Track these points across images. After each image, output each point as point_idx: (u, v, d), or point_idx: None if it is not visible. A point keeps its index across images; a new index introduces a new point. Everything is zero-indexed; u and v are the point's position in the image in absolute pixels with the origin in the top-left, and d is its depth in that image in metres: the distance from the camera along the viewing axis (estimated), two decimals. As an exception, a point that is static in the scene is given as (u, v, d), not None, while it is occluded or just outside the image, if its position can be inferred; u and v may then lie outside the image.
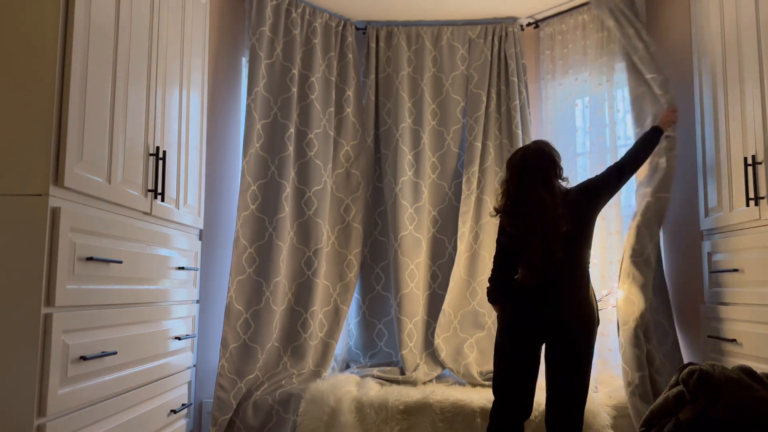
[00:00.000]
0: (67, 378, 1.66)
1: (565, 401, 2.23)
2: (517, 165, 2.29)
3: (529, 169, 2.26)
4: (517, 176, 2.27)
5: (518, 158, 2.31)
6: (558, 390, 2.24)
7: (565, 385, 2.22)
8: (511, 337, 2.28)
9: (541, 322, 2.22)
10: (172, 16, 2.38)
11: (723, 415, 1.78)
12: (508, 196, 2.28)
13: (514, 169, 2.30)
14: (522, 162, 2.28)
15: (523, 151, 2.32)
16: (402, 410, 2.61)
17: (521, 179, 2.26)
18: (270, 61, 3.12)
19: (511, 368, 2.27)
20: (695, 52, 2.69)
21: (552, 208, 2.19)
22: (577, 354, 2.21)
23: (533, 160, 2.27)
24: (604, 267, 3.13)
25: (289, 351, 3.03)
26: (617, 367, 3.04)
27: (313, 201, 3.15)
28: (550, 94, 3.41)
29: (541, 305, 2.23)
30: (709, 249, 2.56)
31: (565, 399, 2.23)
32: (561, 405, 2.23)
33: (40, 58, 1.64)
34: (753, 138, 2.22)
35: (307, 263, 3.11)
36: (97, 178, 1.81)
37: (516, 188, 2.26)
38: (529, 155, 2.29)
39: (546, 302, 2.22)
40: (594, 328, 2.24)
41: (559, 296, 2.22)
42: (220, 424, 2.72)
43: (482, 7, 3.31)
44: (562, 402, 2.23)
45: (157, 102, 2.25)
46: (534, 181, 2.23)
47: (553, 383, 2.25)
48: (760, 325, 2.19)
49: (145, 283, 2.13)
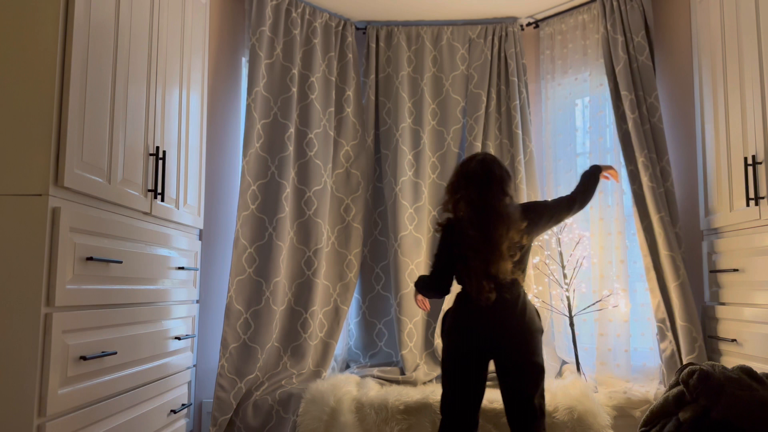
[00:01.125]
0: (67, 378, 1.66)
1: (524, 406, 2.17)
2: (478, 174, 2.21)
3: (491, 179, 2.20)
4: (478, 185, 2.20)
5: (477, 167, 2.23)
6: (514, 400, 2.18)
7: (519, 396, 2.17)
8: (456, 358, 2.22)
9: (486, 340, 2.17)
10: (172, 16, 2.38)
11: (723, 415, 1.78)
12: (470, 204, 2.19)
13: (473, 177, 2.22)
14: (483, 172, 2.21)
15: (480, 160, 2.26)
16: (402, 410, 2.61)
17: (482, 188, 2.19)
18: (270, 61, 3.12)
19: (458, 389, 2.22)
20: (695, 52, 2.69)
21: (510, 222, 2.16)
22: (525, 365, 2.16)
23: (492, 171, 2.21)
24: (603, 267, 3.13)
25: (289, 351, 3.03)
26: (617, 368, 3.04)
27: (313, 201, 3.15)
28: (550, 94, 3.41)
29: (485, 322, 2.17)
30: (709, 249, 2.56)
31: (524, 405, 2.17)
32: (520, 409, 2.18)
33: (40, 58, 1.64)
34: (753, 138, 2.22)
35: (307, 263, 3.11)
36: (97, 178, 1.81)
37: (479, 196, 2.18)
38: (487, 165, 2.23)
39: (489, 318, 2.17)
40: (537, 337, 2.19)
41: (500, 312, 2.17)
42: (220, 424, 2.72)
43: (482, 7, 3.31)
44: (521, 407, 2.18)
45: (157, 102, 2.25)
46: (495, 191, 2.19)
47: (508, 395, 2.20)
48: (760, 325, 2.19)
49: (145, 283, 2.13)
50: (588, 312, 3.05)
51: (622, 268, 3.02)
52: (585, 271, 3.12)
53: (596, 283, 3.15)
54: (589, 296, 3.13)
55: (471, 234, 2.16)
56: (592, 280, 3.17)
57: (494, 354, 2.19)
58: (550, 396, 2.62)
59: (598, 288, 3.12)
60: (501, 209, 2.16)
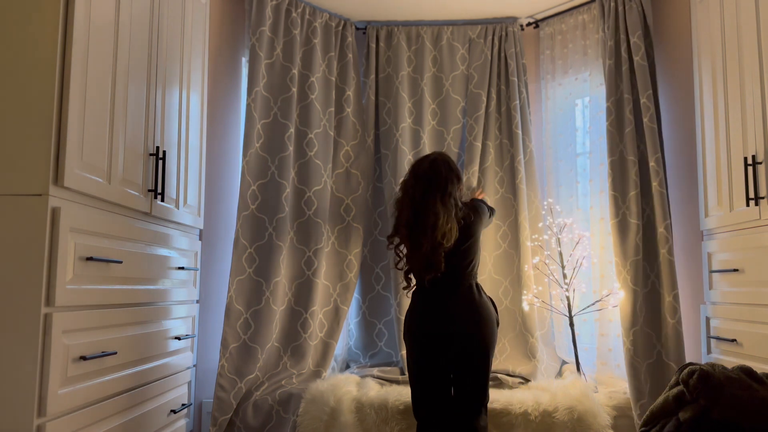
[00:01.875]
0: (67, 378, 1.66)
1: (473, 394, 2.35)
2: (427, 173, 2.34)
3: (437, 178, 2.33)
4: (423, 183, 2.33)
5: (427, 167, 2.36)
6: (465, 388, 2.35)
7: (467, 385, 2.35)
8: (417, 358, 2.38)
9: (439, 337, 2.33)
10: (172, 16, 2.38)
11: (723, 415, 1.78)
12: (411, 201, 2.32)
13: (420, 177, 2.35)
14: (431, 170, 2.35)
15: (431, 160, 2.39)
16: (402, 410, 2.61)
17: (425, 187, 2.32)
18: (270, 61, 3.12)
19: (424, 388, 2.37)
20: (695, 52, 2.69)
21: (444, 222, 2.27)
22: (475, 358, 2.32)
23: (439, 170, 2.35)
24: (603, 267, 3.13)
25: (289, 351, 3.02)
26: (617, 368, 3.04)
27: (313, 201, 3.15)
28: (550, 94, 3.41)
29: (436, 318, 2.34)
30: (709, 249, 2.56)
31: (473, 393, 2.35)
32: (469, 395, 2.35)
33: (40, 58, 1.64)
34: (753, 138, 2.22)
35: (307, 263, 3.11)
36: (97, 178, 1.81)
37: (422, 195, 2.31)
38: (437, 165, 2.36)
39: (439, 315, 2.34)
40: (491, 331, 2.35)
41: (450, 308, 2.34)
42: (220, 424, 2.72)
43: (482, 7, 3.31)
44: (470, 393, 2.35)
45: (157, 102, 2.25)
46: (435, 191, 2.31)
47: (459, 382, 2.36)
48: (760, 325, 2.19)
49: (145, 283, 2.13)
50: (588, 312, 3.05)
51: (622, 268, 3.02)
52: (585, 271, 3.12)
53: (596, 283, 3.15)
54: (589, 296, 3.13)
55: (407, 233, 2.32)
56: (592, 280, 3.17)
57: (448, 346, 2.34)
58: (550, 396, 2.63)
59: (598, 288, 3.12)
60: (434, 210, 2.28)
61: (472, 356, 2.33)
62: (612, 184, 2.89)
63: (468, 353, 2.33)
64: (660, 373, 2.70)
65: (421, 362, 2.36)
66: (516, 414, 2.54)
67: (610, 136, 2.93)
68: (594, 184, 3.20)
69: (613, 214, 2.87)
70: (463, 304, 2.35)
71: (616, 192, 2.88)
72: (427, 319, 2.36)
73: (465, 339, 2.32)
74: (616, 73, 2.97)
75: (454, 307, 2.34)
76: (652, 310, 2.79)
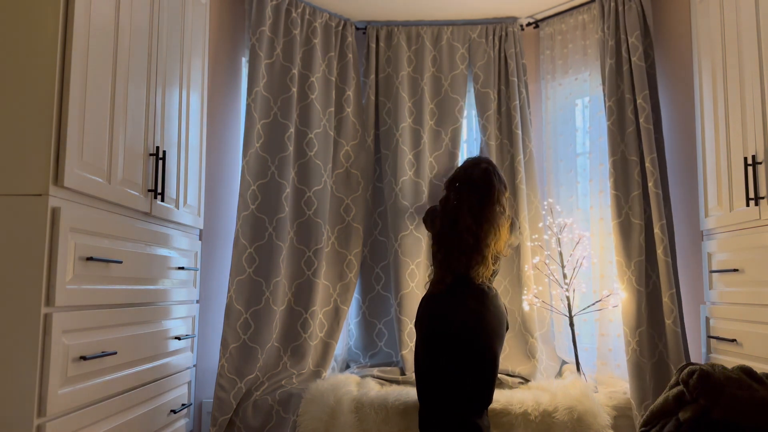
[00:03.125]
0: (67, 378, 1.66)
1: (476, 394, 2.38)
2: (480, 180, 2.53)
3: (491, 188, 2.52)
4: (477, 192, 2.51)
5: (480, 174, 2.55)
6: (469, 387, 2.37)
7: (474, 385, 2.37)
8: (427, 351, 2.44)
9: (450, 332, 2.39)
10: (172, 16, 2.38)
11: (723, 415, 1.78)
12: (469, 210, 2.48)
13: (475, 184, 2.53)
14: (484, 180, 2.54)
15: (484, 169, 2.58)
16: (402, 410, 2.61)
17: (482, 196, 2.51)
18: (270, 61, 3.12)
19: (432, 381, 2.41)
20: (695, 52, 2.69)
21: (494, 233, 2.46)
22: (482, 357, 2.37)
23: (493, 180, 2.54)
24: (603, 267, 3.13)
25: (289, 351, 3.03)
26: (617, 368, 3.04)
27: (313, 201, 3.15)
28: (550, 94, 3.41)
29: (450, 314, 2.41)
30: (709, 249, 2.56)
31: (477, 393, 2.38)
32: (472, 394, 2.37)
33: (40, 58, 1.64)
34: (753, 138, 2.22)
35: (307, 263, 3.11)
36: (97, 178, 1.81)
37: (479, 203, 2.49)
38: (489, 175, 2.55)
39: (454, 311, 2.41)
40: (499, 334, 2.42)
41: (465, 306, 2.41)
42: (220, 424, 2.72)
43: (482, 7, 3.31)
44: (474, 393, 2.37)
45: (157, 102, 2.25)
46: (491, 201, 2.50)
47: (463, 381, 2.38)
48: (760, 325, 2.19)
49: (145, 283, 2.13)
50: (588, 312, 3.05)
51: (622, 268, 3.02)
52: (585, 271, 3.12)
53: (596, 283, 3.15)
54: (589, 296, 3.13)
55: (465, 238, 2.43)
56: (592, 280, 3.17)
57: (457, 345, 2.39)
58: (550, 396, 2.63)
59: (599, 288, 3.12)
60: (494, 220, 2.47)
61: (476, 356, 2.37)
62: (614, 184, 2.89)
63: (473, 352, 2.37)
64: (661, 373, 2.70)
65: (429, 358, 2.41)
66: (516, 414, 2.54)
67: (612, 136, 2.93)
68: (594, 184, 3.20)
69: (616, 214, 2.87)
70: (478, 305, 2.41)
71: (618, 192, 2.88)
72: (439, 314, 2.43)
73: (472, 338, 2.37)
74: (617, 73, 2.97)
75: (469, 307, 2.40)
76: (653, 310, 2.79)
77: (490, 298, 2.45)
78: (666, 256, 2.72)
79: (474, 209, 2.46)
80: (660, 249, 2.74)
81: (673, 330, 2.68)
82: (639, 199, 2.85)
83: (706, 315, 2.57)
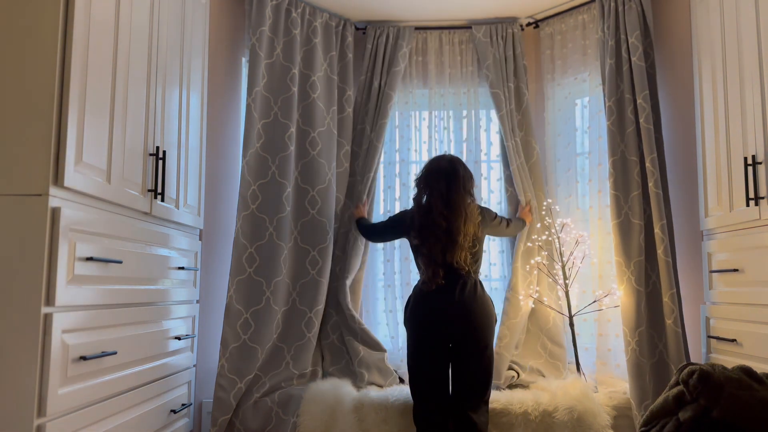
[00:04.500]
0: (67, 378, 1.66)
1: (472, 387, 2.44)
2: (446, 169, 2.54)
3: (456, 177, 2.53)
4: (445, 179, 2.52)
5: (446, 164, 2.56)
6: (464, 381, 2.44)
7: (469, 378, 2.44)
8: (420, 346, 2.48)
9: (443, 326, 2.43)
10: (172, 16, 2.38)
11: (723, 415, 1.78)
12: (440, 196, 2.50)
13: (442, 173, 2.54)
14: (451, 168, 2.54)
15: (449, 159, 2.60)
16: (402, 410, 2.61)
17: (449, 183, 2.51)
18: (270, 60, 3.12)
19: (426, 377, 2.46)
20: (695, 52, 2.69)
21: (468, 216, 2.49)
22: (477, 349, 2.43)
23: (457, 170, 2.55)
24: (603, 267, 3.13)
25: (292, 350, 3.02)
26: (617, 368, 3.04)
27: (317, 200, 3.14)
28: (550, 94, 3.41)
29: (442, 309, 2.44)
30: (709, 249, 2.56)
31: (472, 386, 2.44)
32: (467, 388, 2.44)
33: (40, 57, 1.64)
34: (753, 138, 2.22)
35: (312, 262, 3.10)
36: (97, 178, 1.81)
37: (447, 189, 2.50)
38: (455, 164, 2.57)
39: (446, 305, 2.44)
40: (490, 326, 2.48)
41: (456, 299, 2.44)
42: (220, 425, 2.72)
43: (482, 7, 3.31)
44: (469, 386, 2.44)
45: (157, 102, 2.25)
46: (458, 188, 2.51)
47: (459, 375, 2.45)
48: (760, 325, 2.19)
49: (145, 283, 2.13)
50: (588, 312, 3.05)
51: (622, 268, 3.02)
52: (585, 271, 3.12)
53: (596, 283, 3.15)
54: (590, 296, 3.13)
55: (438, 223, 2.46)
56: (591, 280, 3.17)
57: (450, 339, 2.44)
58: (549, 396, 2.63)
59: (598, 288, 3.12)
60: (462, 204, 2.49)
61: (470, 348, 2.42)
62: (613, 184, 2.89)
63: (467, 345, 2.42)
64: (661, 373, 2.70)
65: (422, 354, 2.46)
66: (516, 414, 2.55)
67: (612, 136, 2.93)
68: (593, 184, 3.20)
69: (615, 214, 2.87)
70: (469, 298, 2.45)
71: (618, 192, 2.88)
72: (431, 309, 2.46)
73: (466, 331, 2.41)
74: (617, 73, 2.97)
75: (461, 301, 2.44)
76: (653, 310, 2.79)
77: (479, 291, 2.49)
78: (666, 256, 2.72)
79: (444, 196, 2.50)
80: (660, 249, 2.74)
81: (673, 330, 2.68)
82: (639, 199, 2.85)
83: (706, 315, 2.57)
